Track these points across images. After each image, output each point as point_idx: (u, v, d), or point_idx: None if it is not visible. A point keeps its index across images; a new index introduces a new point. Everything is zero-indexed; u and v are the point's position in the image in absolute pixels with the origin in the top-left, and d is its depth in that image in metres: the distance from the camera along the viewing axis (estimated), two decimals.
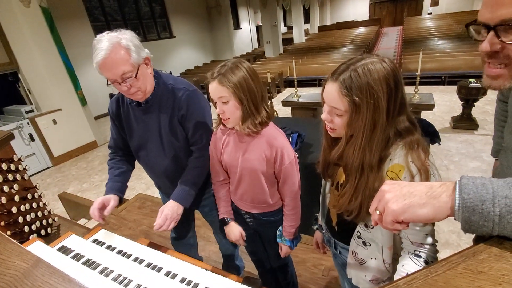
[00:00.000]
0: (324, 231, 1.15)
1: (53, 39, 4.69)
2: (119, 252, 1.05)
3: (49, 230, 1.38)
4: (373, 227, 0.85)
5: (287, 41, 14.84)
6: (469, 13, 13.43)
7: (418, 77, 3.58)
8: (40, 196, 1.39)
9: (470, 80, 4.08)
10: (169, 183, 1.40)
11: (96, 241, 1.12)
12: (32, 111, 4.70)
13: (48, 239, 1.35)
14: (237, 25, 14.21)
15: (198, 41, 12.47)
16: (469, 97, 4.09)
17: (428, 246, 0.76)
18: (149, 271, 0.93)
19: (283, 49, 12.46)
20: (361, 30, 15.18)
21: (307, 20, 17.59)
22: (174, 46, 11.23)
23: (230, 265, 1.80)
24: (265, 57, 11.91)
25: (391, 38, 13.76)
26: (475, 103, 4.23)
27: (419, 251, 0.76)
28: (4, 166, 1.19)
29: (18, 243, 0.78)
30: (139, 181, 3.98)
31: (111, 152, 1.44)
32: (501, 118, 1.21)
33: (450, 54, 7.03)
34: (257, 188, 1.20)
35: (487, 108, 4.87)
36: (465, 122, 4.30)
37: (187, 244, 1.69)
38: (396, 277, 0.80)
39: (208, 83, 1.06)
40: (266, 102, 1.13)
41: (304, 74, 8.14)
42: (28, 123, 4.59)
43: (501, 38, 0.54)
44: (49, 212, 1.43)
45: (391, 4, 19.28)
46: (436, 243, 0.77)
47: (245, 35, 14.99)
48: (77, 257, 1.00)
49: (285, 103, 4.58)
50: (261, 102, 1.10)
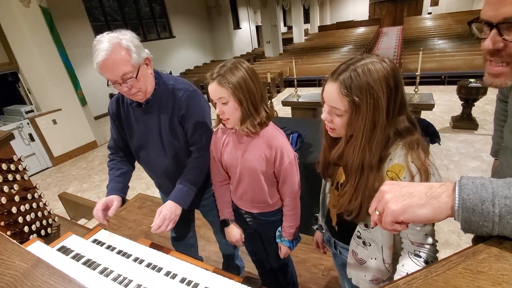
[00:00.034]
0: (324, 231, 1.15)
1: (53, 39, 4.69)
2: (119, 252, 1.05)
3: (49, 230, 1.38)
4: (373, 227, 0.85)
5: (287, 41, 14.84)
6: (469, 12, 13.43)
7: (418, 77, 3.58)
8: (40, 196, 1.39)
9: (470, 80, 4.08)
10: (169, 183, 1.39)
11: (96, 241, 1.12)
12: (32, 111, 4.69)
13: (48, 239, 1.35)
14: (237, 25, 14.20)
15: (198, 41, 12.47)
16: (469, 97, 4.10)
17: (428, 246, 0.76)
18: (149, 271, 0.94)
19: (283, 49, 12.46)
20: (361, 30, 15.17)
21: (307, 20, 17.59)
22: (174, 46, 11.23)
23: (230, 265, 1.80)
24: (265, 57, 11.91)
25: (391, 38, 13.75)
26: (475, 103, 4.23)
27: (419, 251, 0.76)
28: (4, 166, 1.19)
29: (18, 243, 0.78)
30: (139, 181, 3.98)
31: (111, 153, 1.43)
32: (501, 118, 1.21)
33: (450, 54, 7.03)
34: (257, 188, 1.20)
35: (487, 108, 4.87)
36: (465, 122, 4.31)
37: (187, 244, 1.69)
38: (396, 277, 0.80)
39: (207, 84, 1.06)
40: (266, 103, 1.13)
41: (304, 74, 8.14)
42: (28, 123, 4.59)
43: (504, 36, 0.54)
44: (49, 212, 1.43)
45: (391, 4, 19.27)
46: (436, 243, 0.77)
47: (245, 35, 14.99)
48: (77, 257, 1.00)
49: (285, 103, 4.58)
50: (261, 103, 1.09)
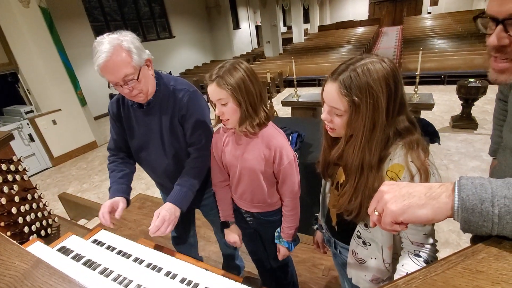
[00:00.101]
0: (324, 231, 1.15)
1: (52, 39, 4.69)
2: (119, 252, 1.05)
3: (49, 230, 1.38)
4: (372, 227, 0.85)
5: (287, 41, 14.84)
6: (468, 12, 13.43)
7: (418, 77, 3.58)
8: (40, 196, 1.39)
9: (470, 79, 4.08)
10: (170, 183, 1.38)
11: (96, 242, 1.12)
12: (31, 111, 4.69)
13: (48, 239, 1.35)
14: (236, 25, 14.20)
15: (197, 41, 12.46)
16: (469, 97, 4.10)
17: (428, 246, 0.76)
18: (149, 271, 0.94)
19: (283, 49, 12.47)
20: (361, 29, 15.17)
21: (306, 20, 17.59)
22: (174, 46, 11.22)
23: (230, 265, 1.80)
24: (264, 57, 11.91)
25: (390, 38, 13.76)
26: (474, 103, 4.24)
27: (419, 251, 0.76)
28: (3, 166, 1.19)
29: (18, 243, 0.78)
30: (139, 181, 3.98)
31: (111, 154, 1.40)
32: (500, 118, 1.21)
33: (449, 54, 7.03)
34: (256, 188, 1.20)
35: (487, 107, 4.87)
36: (464, 121, 4.31)
37: (187, 244, 1.69)
38: (396, 276, 0.80)
39: (207, 84, 1.06)
40: (265, 103, 1.13)
41: (303, 74, 8.14)
42: (27, 124, 4.58)
43: (510, 32, 0.53)
44: (49, 213, 1.43)
45: (390, 3, 19.28)
46: (436, 243, 0.77)
47: (244, 35, 14.99)
48: (77, 257, 1.00)
49: (284, 103, 4.58)
50: (260, 103, 1.09)
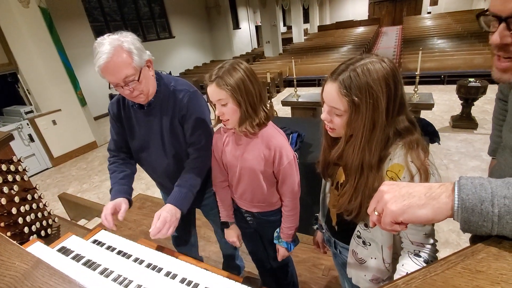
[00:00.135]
0: (324, 231, 1.15)
1: (52, 39, 4.69)
2: (119, 252, 1.05)
3: (49, 231, 1.38)
4: (372, 227, 0.85)
5: (287, 41, 14.84)
6: (468, 12, 13.44)
7: (418, 77, 3.58)
8: (40, 197, 1.39)
9: (470, 79, 4.08)
10: (171, 183, 1.38)
11: (96, 242, 1.12)
12: (31, 111, 4.69)
13: (48, 240, 1.35)
14: (236, 25, 14.20)
15: (197, 41, 12.46)
16: (469, 96, 4.10)
17: (428, 246, 0.76)
18: (149, 271, 0.94)
19: (283, 49, 12.47)
20: (361, 29, 15.17)
21: (306, 19, 17.60)
22: (174, 46, 11.23)
23: (231, 265, 1.80)
24: (264, 57, 11.91)
25: (390, 38, 13.76)
26: (474, 102, 4.24)
27: (419, 251, 0.76)
28: (3, 167, 1.19)
29: (18, 244, 0.78)
30: (139, 181, 3.98)
31: (112, 155, 1.39)
32: (499, 117, 1.21)
33: (449, 54, 7.04)
34: (256, 188, 1.20)
35: (487, 107, 4.87)
36: (464, 121, 4.31)
37: (188, 244, 1.69)
38: (396, 276, 0.80)
39: (206, 85, 1.06)
40: (265, 103, 1.13)
41: (303, 74, 8.14)
42: (27, 124, 4.58)
43: None
44: (49, 213, 1.43)
45: (390, 3, 19.28)
46: (436, 243, 0.77)
47: (244, 35, 14.99)
48: (77, 257, 1.00)
49: (284, 103, 4.58)
50: (259, 103, 1.09)
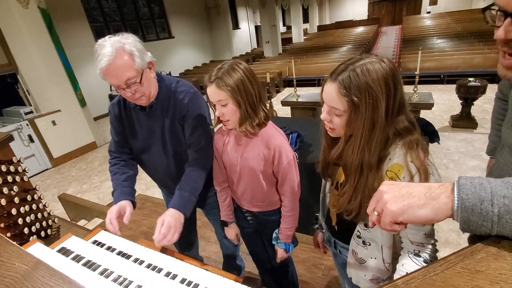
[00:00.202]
0: (324, 231, 1.15)
1: (51, 40, 4.69)
2: (119, 253, 1.05)
3: (49, 231, 1.38)
4: (371, 227, 0.85)
5: (286, 40, 14.84)
6: (468, 12, 13.44)
7: (417, 76, 3.58)
8: (39, 197, 1.39)
9: (469, 79, 4.08)
10: (173, 184, 1.38)
11: (96, 242, 1.12)
12: (31, 112, 4.69)
13: (48, 240, 1.35)
14: (236, 25, 14.20)
15: (197, 41, 12.46)
16: (468, 96, 4.10)
17: (427, 246, 0.76)
18: (149, 272, 0.94)
19: (282, 49, 12.47)
20: (360, 29, 15.18)
21: (306, 19, 17.61)
22: (173, 47, 11.22)
23: (231, 265, 1.80)
24: (264, 57, 11.92)
25: (390, 37, 13.76)
26: (474, 102, 4.24)
27: (419, 251, 0.76)
28: (3, 168, 1.19)
29: (18, 245, 0.78)
30: (139, 182, 3.98)
31: (113, 157, 1.36)
32: (498, 117, 1.21)
33: (449, 53, 7.04)
34: (256, 187, 1.21)
35: (486, 106, 4.87)
36: (464, 120, 4.31)
37: (188, 244, 1.69)
38: (395, 276, 0.80)
39: (206, 86, 1.06)
40: (264, 103, 1.13)
41: (303, 73, 8.15)
42: (27, 125, 4.58)
43: None
44: (49, 214, 1.43)
45: (390, 3, 19.29)
46: (436, 242, 0.77)
47: (244, 35, 14.98)
48: (77, 258, 1.00)
49: (284, 103, 4.58)
50: (259, 104, 1.10)
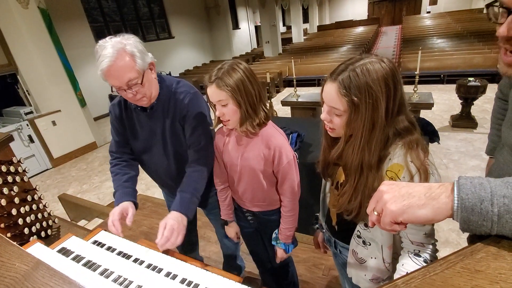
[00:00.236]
0: (324, 230, 1.15)
1: (51, 40, 4.69)
2: (120, 253, 1.05)
3: (49, 231, 1.38)
4: (371, 227, 0.85)
5: (286, 40, 14.84)
6: (468, 11, 13.45)
7: (417, 76, 3.59)
8: (40, 197, 1.39)
9: (469, 78, 4.08)
10: (173, 184, 1.38)
11: (96, 243, 1.12)
12: (31, 112, 4.69)
13: (48, 240, 1.35)
14: (236, 25, 14.19)
15: (197, 41, 12.46)
16: (468, 96, 4.10)
17: (427, 246, 0.76)
18: (149, 272, 0.94)
19: (282, 49, 12.47)
20: (360, 29, 15.17)
21: (306, 19, 17.61)
22: (173, 47, 11.22)
23: (231, 265, 1.80)
24: (264, 57, 11.92)
25: (390, 37, 13.76)
26: (474, 102, 4.24)
27: (419, 251, 0.76)
28: (3, 168, 1.19)
29: (18, 245, 0.78)
30: (139, 182, 3.92)
31: (114, 157, 1.35)
32: (498, 116, 1.21)
33: (449, 53, 7.04)
34: (257, 187, 1.21)
35: (486, 106, 4.87)
36: (464, 120, 4.31)
37: (188, 244, 1.69)
38: (396, 276, 0.80)
39: (206, 86, 1.06)
40: (264, 103, 1.13)
41: (303, 73, 8.15)
42: (27, 125, 4.58)
43: None
44: (49, 214, 1.43)
45: (389, 3, 19.29)
46: (436, 242, 0.77)
47: (244, 35, 14.98)
48: (77, 258, 1.00)
49: (284, 103, 4.58)
50: (259, 103, 1.10)
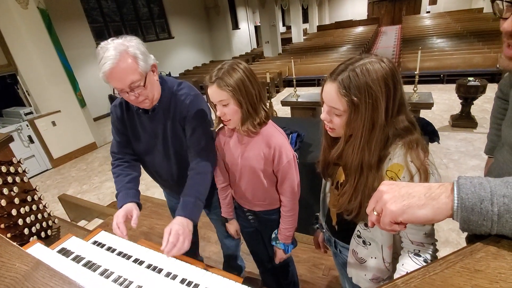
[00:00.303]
0: (324, 230, 1.15)
1: (51, 40, 4.69)
2: (120, 253, 1.05)
3: (49, 232, 1.39)
4: (371, 227, 0.85)
5: (286, 41, 14.85)
6: (467, 11, 13.46)
7: (417, 76, 3.58)
8: (40, 198, 1.39)
9: (469, 78, 4.08)
10: (175, 185, 1.38)
11: (96, 243, 1.12)
12: (31, 113, 4.69)
13: (48, 241, 1.35)
14: (235, 25, 14.19)
15: (197, 41, 12.46)
16: (468, 96, 4.10)
17: (427, 245, 0.76)
18: (149, 272, 0.94)
19: (282, 49, 12.47)
20: (360, 29, 15.18)
21: (305, 19, 17.62)
22: (173, 47, 11.22)
23: (232, 265, 1.80)
24: (264, 57, 11.92)
25: (389, 37, 13.77)
26: (474, 101, 4.24)
27: (419, 250, 0.76)
28: (3, 168, 1.19)
29: (18, 245, 0.78)
30: None
31: (116, 158, 1.34)
32: (498, 116, 1.21)
33: (448, 53, 7.04)
34: (257, 186, 1.21)
35: (486, 106, 4.87)
36: (464, 120, 4.31)
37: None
38: (396, 276, 0.80)
39: (206, 86, 1.07)
40: (264, 102, 1.14)
41: (303, 73, 8.15)
42: (27, 125, 4.58)
43: None
44: (49, 214, 1.43)
45: (389, 3, 19.30)
46: (436, 242, 0.77)
47: (243, 35, 14.98)
48: (77, 259, 1.00)
49: (284, 103, 4.58)
50: (259, 103, 1.10)
